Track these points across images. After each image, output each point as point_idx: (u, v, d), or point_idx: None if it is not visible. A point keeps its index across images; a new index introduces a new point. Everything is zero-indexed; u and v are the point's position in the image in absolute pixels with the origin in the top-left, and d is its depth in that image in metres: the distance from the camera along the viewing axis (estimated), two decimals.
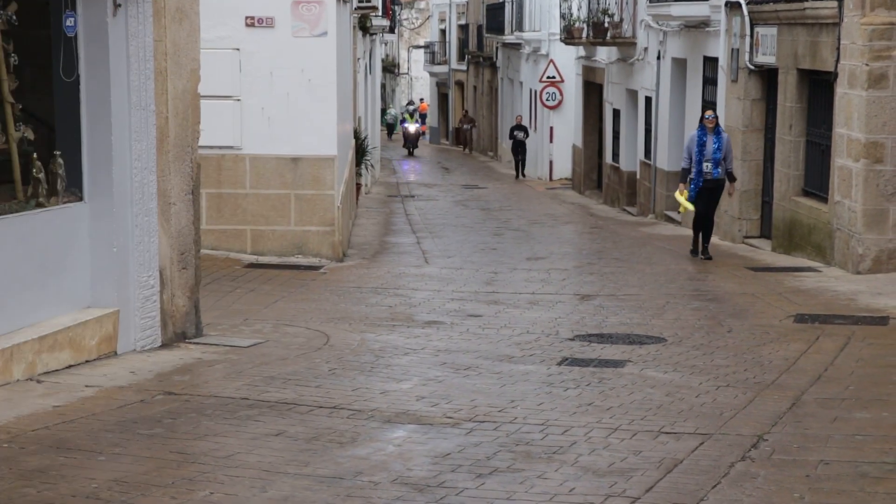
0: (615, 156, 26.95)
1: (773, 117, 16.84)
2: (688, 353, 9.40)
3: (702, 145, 15.01)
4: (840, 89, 14.12)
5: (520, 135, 34.21)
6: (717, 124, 15.07)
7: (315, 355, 8.99)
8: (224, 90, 14.28)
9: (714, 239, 18.50)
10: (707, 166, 15.02)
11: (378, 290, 12.65)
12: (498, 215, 23.47)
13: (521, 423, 7.07)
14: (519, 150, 34.18)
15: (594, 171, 30.04)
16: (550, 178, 33.23)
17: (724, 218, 18.23)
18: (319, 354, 9.04)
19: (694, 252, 15.51)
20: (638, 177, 24.71)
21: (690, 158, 15.09)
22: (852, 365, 8.92)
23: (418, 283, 13.43)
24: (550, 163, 33.12)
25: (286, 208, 14.60)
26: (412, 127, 45.30)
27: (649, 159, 23.50)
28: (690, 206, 15.08)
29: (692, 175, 15.11)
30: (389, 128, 59.07)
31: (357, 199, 23.01)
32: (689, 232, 19.88)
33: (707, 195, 15.13)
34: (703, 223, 15.29)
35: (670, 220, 21.81)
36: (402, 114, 56.48)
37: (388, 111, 60.48)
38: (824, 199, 14.75)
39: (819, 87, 15.36)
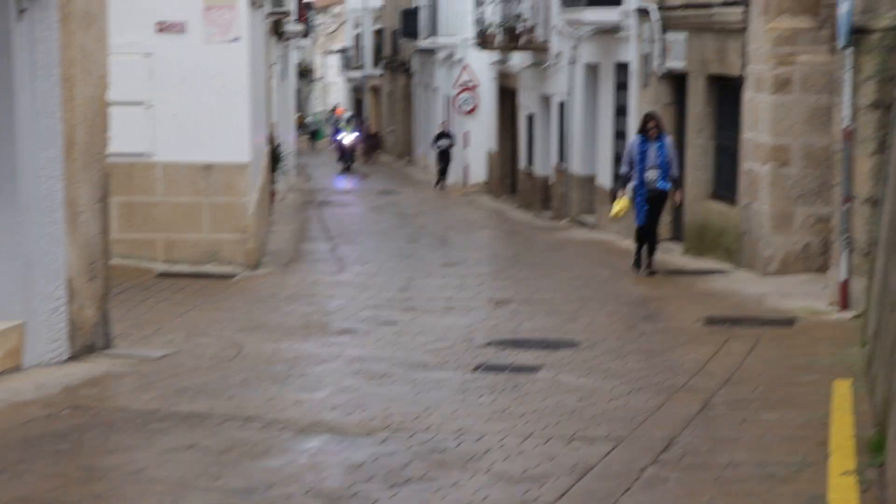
0: (529, 161, 27.11)
1: (684, 122, 17.08)
2: (601, 358, 9.48)
3: (643, 153, 14.00)
4: (747, 94, 14.37)
5: (444, 143, 32.98)
6: (660, 132, 14.04)
7: (228, 366, 8.91)
8: (135, 96, 14.10)
9: (626, 243, 18.70)
10: (650, 175, 14.00)
11: (293, 299, 12.56)
12: (413, 221, 23.47)
13: (436, 431, 7.06)
14: (443, 158, 32.85)
15: (509, 176, 30.18)
16: (466, 184, 33.31)
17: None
18: (232, 365, 8.95)
19: (637, 265, 14.41)
20: (552, 182, 24.89)
21: (631, 165, 14.10)
22: (760, 366, 9.07)
23: (333, 290, 13.37)
24: (466, 168, 33.21)
25: (199, 216, 14.45)
26: (348, 138, 40.25)
27: (563, 164, 23.68)
28: (620, 208, 14.14)
29: (634, 184, 14.06)
30: (312, 135, 57.53)
31: (272, 205, 22.84)
32: (603, 236, 20.12)
33: (651, 206, 14.12)
34: (648, 236, 14.26)
35: (584, 224, 22.00)
36: (331, 122, 53.21)
37: (314, 117, 59.06)
38: (733, 203, 14.99)
39: (727, 92, 15.61)
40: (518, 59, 27.39)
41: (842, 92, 11.26)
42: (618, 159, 20.31)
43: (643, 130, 14.01)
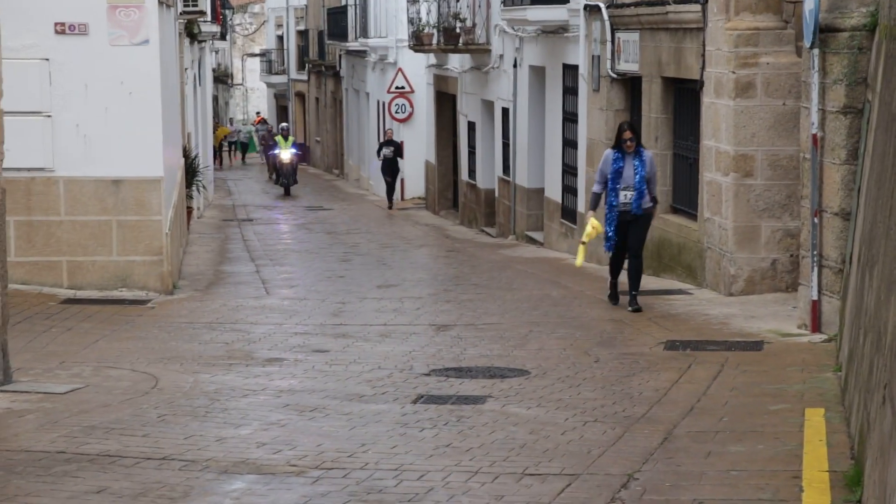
0: (471, 172, 27.19)
1: (639, 129, 17.22)
2: (552, 387, 9.51)
3: (617, 171, 13.07)
4: (706, 99, 14.52)
5: (388, 152, 31.50)
6: (638, 144, 13.14)
7: (142, 400, 8.82)
8: (32, 105, 13.94)
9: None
10: (625, 196, 13.08)
11: (213, 326, 12.49)
12: (345, 239, 23.42)
13: (373, 469, 7.04)
14: (389, 170, 31.48)
15: (449, 189, 30.24)
16: (402, 198, 33.33)
17: None
18: (147, 399, 8.87)
19: (613, 298, 13.45)
20: (496, 195, 24.98)
21: (604, 183, 13.18)
22: (726, 394, 9.14)
23: (258, 316, 13.31)
24: (402, 181, 33.23)
25: (107, 237, 14.31)
26: (286, 154, 35.20)
27: (508, 176, 23.78)
28: (589, 233, 13.16)
29: (607, 207, 13.15)
30: (243, 148, 55.40)
31: (188, 224, 22.69)
32: (553, 254, 20.22)
33: (626, 229, 13.17)
34: (630, 262, 13.18)
35: (532, 241, 22.09)
36: (263, 134, 51.17)
37: (242, 126, 57.60)
38: (694, 217, 15.13)
39: (685, 97, 15.76)
40: (457, 62, 27.48)
41: (809, 96, 11.42)
42: (567, 170, 20.46)
43: (618, 144, 13.14)
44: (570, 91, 20.13)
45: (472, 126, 26.96)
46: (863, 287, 8.04)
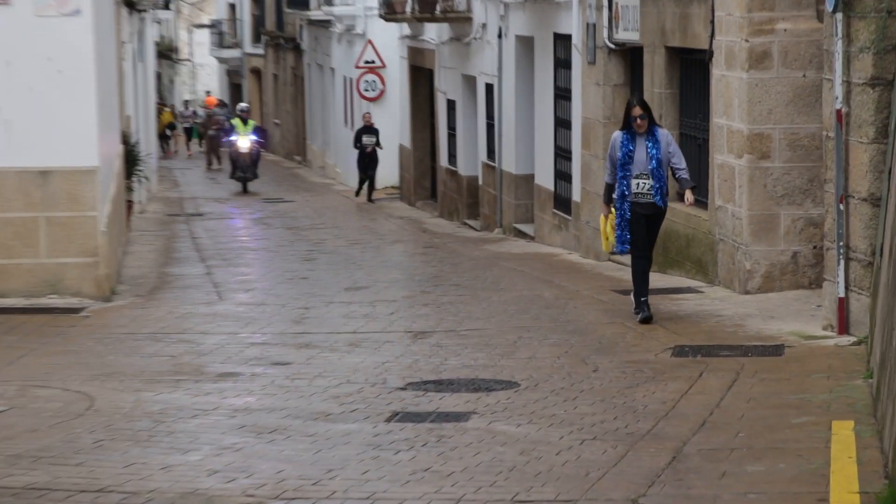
0: (452, 158, 27.17)
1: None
2: (545, 400, 9.49)
3: (628, 154, 12.41)
4: (716, 71, 14.53)
5: (369, 141, 30.73)
6: (650, 123, 12.45)
7: (75, 424, 8.78)
8: None
9: (574, 256, 18.81)
10: (638, 185, 12.41)
11: (158, 337, 12.44)
12: (309, 235, 23.38)
13: (342, 499, 7.01)
14: (368, 162, 30.79)
15: (427, 176, 30.22)
16: (374, 187, 33.29)
17: (585, 230, 18.54)
18: (81, 422, 8.83)
19: (642, 310, 12.46)
20: (480, 183, 24.97)
21: (614, 170, 12.55)
22: (742, 406, 9.13)
23: (209, 324, 13.27)
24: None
25: (34, 236, 14.23)
26: (245, 142, 33.03)
27: (493, 161, 23.78)
28: (609, 231, 12.66)
29: (617, 197, 12.52)
30: (187, 133, 53.37)
31: (129, 220, 22.61)
32: (545, 249, 20.22)
33: (641, 225, 12.45)
34: (640, 259, 12.58)
35: (521, 234, 22.09)
36: (220, 116, 50.13)
37: (197, 108, 55.71)
38: (704, 205, 15.14)
39: (692, 69, 15.77)
40: (434, 33, 27.45)
41: (832, 66, 11.42)
42: (561, 154, 20.46)
43: (627, 124, 12.49)
44: (562, 64, 20.12)
45: (451, 105, 26.94)
46: (895, 282, 8.04)
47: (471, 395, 9.76)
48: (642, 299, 12.55)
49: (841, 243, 11.34)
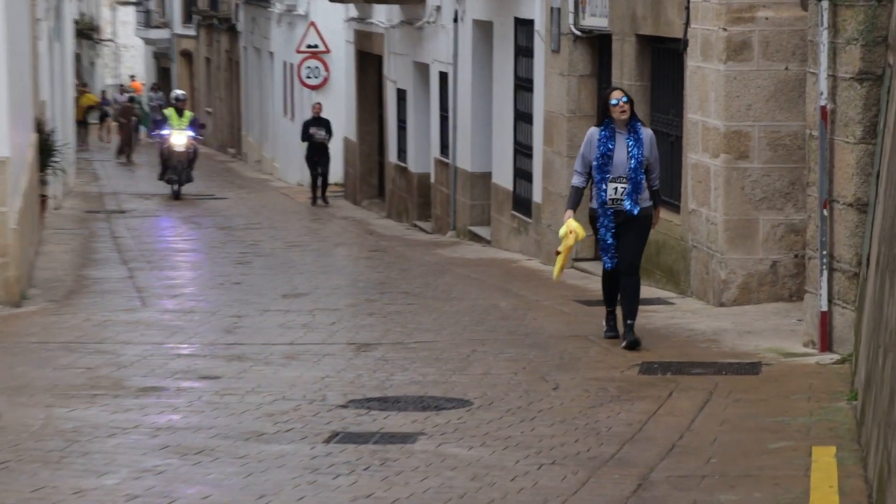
0: (401, 153, 27.16)
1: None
2: (500, 421, 9.49)
3: (607, 153, 11.85)
4: (692, 62, 14.60)
5: (319, 134, 29.86)
6: (632, 115, 11.95)
7: None
8: None
9: (534, 262, 18.84)
10: (617, 190, 11.84)
11: (72, 347, 12.38)
12: (243, 236, 23.31)
13: None
14: (317, 157, 29.88)
15: (374, 173, 30.18)
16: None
17: (547, 234, 18.58)
18: None
19: (612, 330, 12.23)
20: (432, 181, 24.98)
21: (588, 173, 12.01)
22: (715, 429, 9.16)
23: (131, 333, 13.21)
24: None
25: None
26: (180, 138, 30.24)
27: (447, 157, 23.79)
28: (567, 235, 12.02)
29: (595, 204, 12.00)
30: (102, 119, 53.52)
31: (42, 217, 22.47)
32: (503, 254, 20.25)
33: (622, 233, 11.93)
34: (622, 282, 11.97)
35: (477, 238, 22.11)
36: (152, 105, 48.95)
37: (140, 95, 53.96)
38: (676, 208, 15.21)
39: (665, 60, 15.84)
40: (383, 15, 27.44)
41: (817, 59, 11.50)
42: (521, 150, 20.50)
43: (603, 118, 11.95)
44: (523, 52, 20.16)
45: (402, 95, 26.93)
46: (882, 296, 8.10)
47: (418, 414, 9.74)
48: (609, 309, 12.31)
49: (824, 252, 11.41)
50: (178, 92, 32.64)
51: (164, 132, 30.41)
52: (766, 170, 13.95)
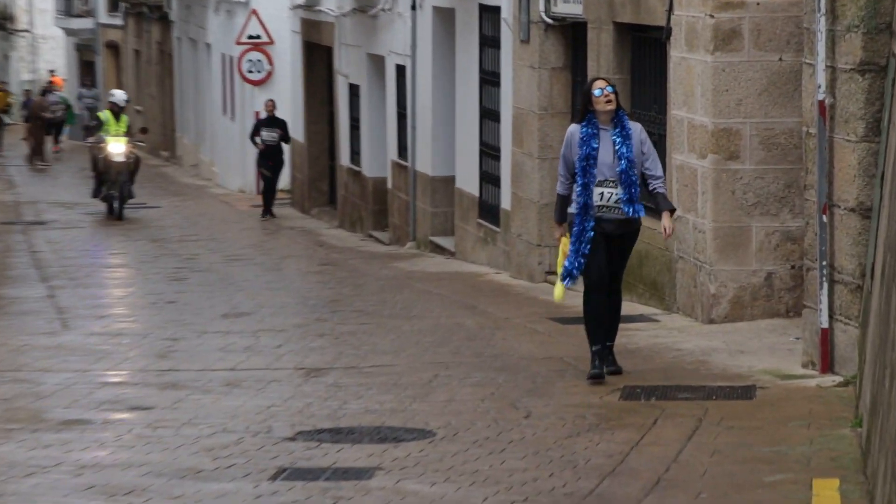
0: (355, 155, 27.12)
1: None
2: (466, 453, 9.47)
3: (591, 154, 11.50)
4: (675, 53, 14.63)
5: (271, 136, 28.74)
6: (618, 108, 11.64)
7: None
8: None
9: (503, 276, 18.84)
10: (602, 195, 11.51)
11: None
12: (178, 249, 23.24)
13: None
14: (271, 162, 28.95)
15: (324, 178, 30.13)
16: (258, 190, 33.16)
17: (517, 244, 18.59)
18: None
19: (597, 368, 11.62)
20: (390, 186, 24.95)
21: (571, 176, 11.64)
22: (705, 460, 9.16)
23: (51, 360, 13.16)
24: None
25: None
26: (118, 147, 28.04)
27: (405, 160, 23.78)
28: (559, 289, 11.70)
29: (574, 209, 11.60)
30: (57, 128, 50.25)
31: None
32: (468, 267, 20.23)
33: (608, 247, 11.58)
34: (602, 298, 11.67)
35: (439, 249, 22.10)
36: (85, 105, 47.83)
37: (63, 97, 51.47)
38: (659, 214, 15.20)
39: (647, 50, 15.87)
40: (333, 2, 27.42)
41: (814, 49, 11.54)
42: (487, 152, 20.50)
43: (585, 113, 11.64)
44: (489, 43, 20.18)
45: (354, 91, 26.90)
46: (889, 310, 8.13)
47: (375, 446, 9.72)
48: (594, 348, 11.67)
49: (824, 262, 11.44)
50: (117, 93, 29.95)
51: (98, 140, 28.27)
52: (759, 171, 13.98)
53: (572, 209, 11.66)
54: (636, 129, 11.71)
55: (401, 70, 23.94)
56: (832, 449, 9.24)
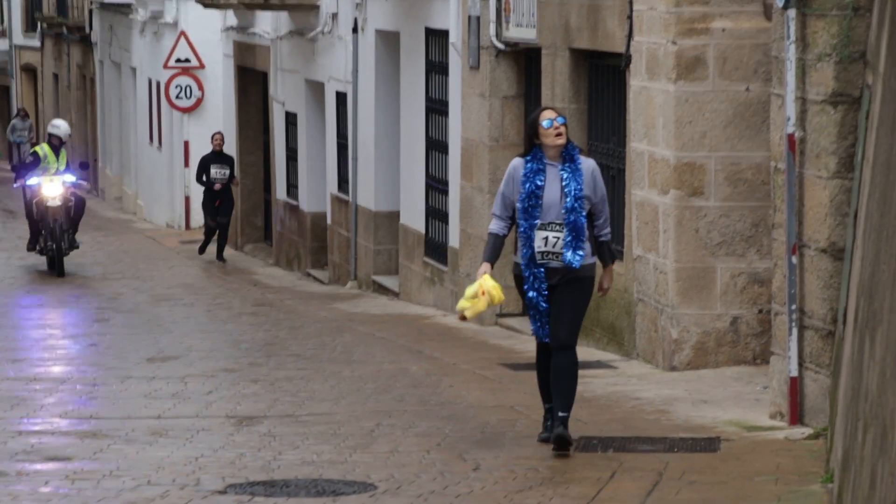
0: (291, 189, 27.10)
1: None
2: None
3: (534, 192, 10.94)
4: (636, 81, 14.70)
5: (219, 173, 27.74)
6: (568, 143, 11.10)
7: None
8: None
9: (450, 318, 18.84)
10: (548, 241, 10.90)
11: None
12: (101, 288, 23.13)
13: None
14: (219, 205, 27.89)
15: (258, 212, 30.09)
16: (188, 226, 33.08)
17: (465, 284, 18.58)
18: None
19: (548, 431, 11.12)
20: (329, 222, 24.95)
21: (511, 217, 11.09)
22: None
23: None
24: (187, 200, 32.98)
25: None
26: (54, 189, 24.70)
27: (346, 194, 23.78)
28: (474, 297, 10.92)
29: (522, 261, 11.01)
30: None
31: None
32: (414, 309, 20.22)
33: (557, 297, 10.98)
34: (554, 361, 11.02)
35: (383, 290, 22.09)
36: (16, 138, 46.90)
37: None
38: (619, 254, 15.28)
39: (605, 79, 15.95)
40: (268, 24, 27.44)
41: (783, 78, 11.62)
42: (434, 185, 20.52)
43: (530, 146, 11.13)
44: (436, 69, 20.23)
45: (291, 119, 26.90)
46: (862, 358, 8.18)
47: (312, 500, 9.70)
48: (547, 406, 11.23)
49: (793, 307, 11.50)
50: (58, 123, 26.73)
51: (32, 181, 24.97)
52: (725, 209, 14.05)
53: (518, 259, 11.12)
54: (589, 165, 11.14)
55: (341, 97, 23.97)
56: None
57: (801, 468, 10.26)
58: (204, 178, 27.88)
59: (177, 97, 32.94)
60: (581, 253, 10.93)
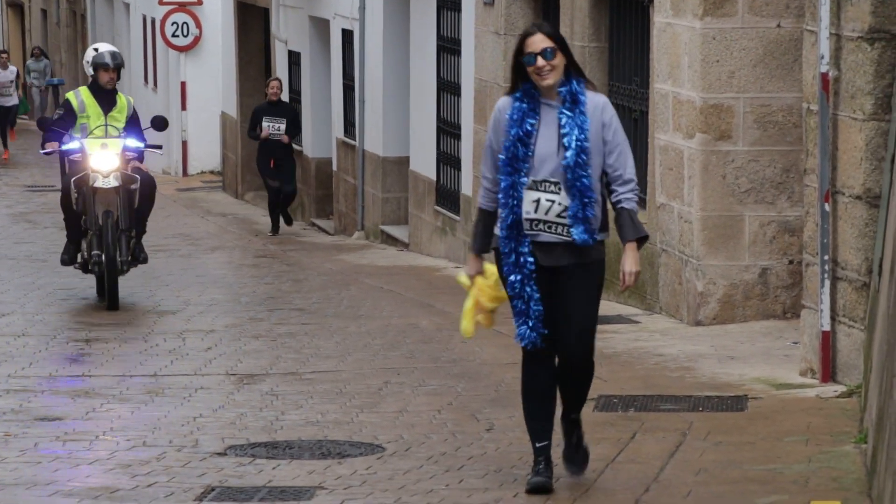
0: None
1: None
2: (420, 471, 9.49)
3: (521, 138, 8.87)
4: (660, 18, 14.66)
5: (273, 126, 24.08)
6: (572, 78, 8.92)
7: None
8: None
9: (463, 270, 18.81)
10: (540, 205, 8.82)
11: None
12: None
13: None
14: (279, 162, 24.38)
15: None
16: (185, 172, 33.13)
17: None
18: None
19: (539, 475, 9.03)
20: (335, 168, 24.93)
21: (496, 184, 8.99)
22: (690, 480, 9.19)
23: None
24: (184, 145, 33.00)
25: None
26: (107, 160, 16.11)
27: (353, 139, 23.77)
28: (476, 296, 9.63)
29: (501, 231, 8.96)
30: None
31: None
32: (425, 260, 20.22)
33: (558, 287, 9.02)
34: (564, 371, 9.12)
35: (392, 240, 22.10)
36: (35, 83, 43.95)
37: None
38: (641, 203, 15.28)
39: (627, 15, 15.90)
40: None
41: (816, 13, 11.58)
42: (446, 129, 20.51)
43: (517, 80, 9.10)
44: (448, 5, 20.19)
45: (295, 59, 26.86)
46: None
47: (317, 462, 9.72)
48: (538, 444, 9.14)
49: (826, 257, 11.49)
50: (101, 50, 17.72)
51: (69, 145, 16.67)
52: (754, 154, 14.03)
53: (498, 231, 9.05)
54: (597, 104, 8.99)
55: (347, 36, 23.92)
56: (833, 468, 9.29)
57: (833, 428, 10.26)
58: (255, 133, 24.52)
59: (173, 35, 32.92)
60: (587, 226, 8.89)
